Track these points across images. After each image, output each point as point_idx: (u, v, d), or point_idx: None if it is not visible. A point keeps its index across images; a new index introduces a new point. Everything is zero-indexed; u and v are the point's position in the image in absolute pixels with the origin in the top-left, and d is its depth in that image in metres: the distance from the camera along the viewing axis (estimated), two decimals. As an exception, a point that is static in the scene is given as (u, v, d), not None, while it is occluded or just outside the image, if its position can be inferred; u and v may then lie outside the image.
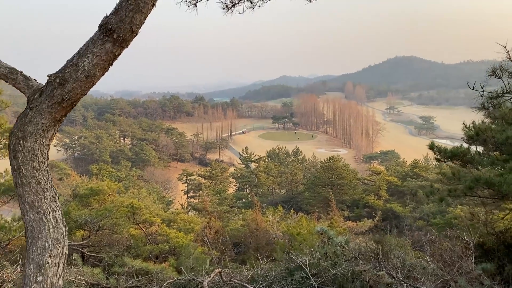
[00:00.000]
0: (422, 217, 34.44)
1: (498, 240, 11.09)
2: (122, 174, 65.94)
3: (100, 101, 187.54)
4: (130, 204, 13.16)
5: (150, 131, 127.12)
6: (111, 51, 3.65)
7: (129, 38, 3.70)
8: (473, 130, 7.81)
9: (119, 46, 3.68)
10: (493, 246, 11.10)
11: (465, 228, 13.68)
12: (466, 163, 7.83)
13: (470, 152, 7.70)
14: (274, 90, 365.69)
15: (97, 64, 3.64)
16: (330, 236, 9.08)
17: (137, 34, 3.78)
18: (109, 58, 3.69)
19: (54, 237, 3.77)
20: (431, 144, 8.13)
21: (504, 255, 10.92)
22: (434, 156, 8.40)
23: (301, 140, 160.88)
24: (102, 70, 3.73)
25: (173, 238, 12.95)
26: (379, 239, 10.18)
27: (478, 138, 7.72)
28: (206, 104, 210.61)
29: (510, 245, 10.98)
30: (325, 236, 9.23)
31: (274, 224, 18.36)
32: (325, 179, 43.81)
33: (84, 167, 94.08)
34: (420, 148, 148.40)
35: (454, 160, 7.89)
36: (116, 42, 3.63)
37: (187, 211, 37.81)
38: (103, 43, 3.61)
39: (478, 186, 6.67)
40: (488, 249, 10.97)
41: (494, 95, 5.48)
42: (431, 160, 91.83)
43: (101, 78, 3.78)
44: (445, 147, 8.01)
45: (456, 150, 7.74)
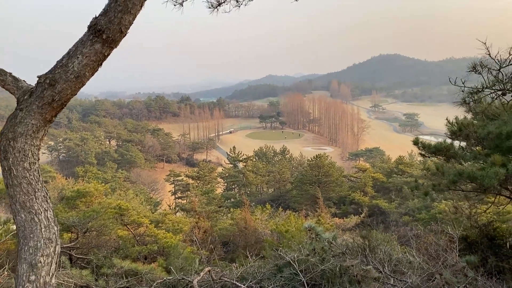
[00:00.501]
0: (408, 213, 34.98)
1: (481, 233, 11.38)
2: (108, 176, 65.32)
3: (84, 103, 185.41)
4: (117, 205, 13.11)
5: (136, 132, 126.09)
6: (100, 51, 3.69)
7: (118, 38, 3.75)
8: (456, 125, 8.00)
9: (108, 47, 3.72)
10: (477, 239, 11.38)
11: (449, 222, 13.98)
12: (449, 158, 8.03)
13: (453, 147, 7.89)
14: (260, 89, 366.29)
15: (87, 64, 3.68)
16: (317, 232, 9.21)
17: (126, 35, 3.83)
18: (99, 59, 3.73)
19: (46, 237, 3.80)
20: (416, 140, 8.32)
21: (487, 247, 11.21)
22: (418, 151, 8.58)
23: (288, 139, 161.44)
24: (92, 71, 3.77)
25: (162, 239, 12.94)
26: (365, 235, 10.35)
27: (461, 134, 7.92)
28: (193, 104, 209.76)
29: (493, 238, 11.28)
30: (313, 233, 9.35)
31: (263, 222, 18.45)
32: (312, 177, 44.12)
33: (69, 169, 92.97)
34: (405, 145, 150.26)
35: (438, 155, 8.08)
36: (105, 42, 3.67)
37: (175, 212, 37.69)
38: (92, 43, 3.65)
39: (461, 180, 6.85)
40: (472, 242, 11.24)
41: (474, 90, 5.64)
42: (416, 156, 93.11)
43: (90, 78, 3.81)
44: (429, 143, 8.19)
45: (439, 146, 7.93)
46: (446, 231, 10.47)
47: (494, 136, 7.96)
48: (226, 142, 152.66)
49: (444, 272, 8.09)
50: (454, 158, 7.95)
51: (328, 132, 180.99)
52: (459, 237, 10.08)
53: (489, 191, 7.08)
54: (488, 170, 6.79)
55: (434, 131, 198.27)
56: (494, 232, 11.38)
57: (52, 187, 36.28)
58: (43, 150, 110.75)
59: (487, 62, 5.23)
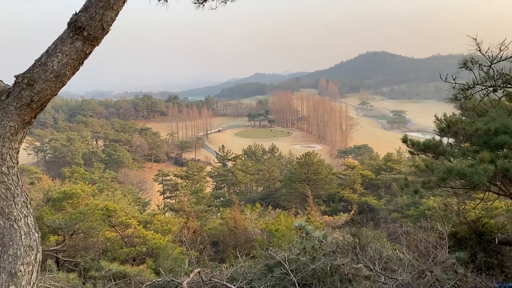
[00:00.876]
0: (397, 209, 35.22)
1: (470, 229, 11.44)
2: (95, 176, 64.58)
3: (70, 102, 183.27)
4: (105, 206, 12.87)
5: (123, 132, 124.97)
6: (81, 49, 3.52)
7: (100, 36, 3.59)
8: (445, 122, 7.99)
9: (89, 44, 3.56)
10: (466, 235, 11.44)
11: (438, 218, 14.05)
12: (438, 155, 8.01)
13: (442, 144, 7.88)
14: (248, 87, 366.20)
15: (67, 63, 3.51)
16: (308, 231, 9.14)
17: (108, 32, 3.67)
18: (80, 57, 3.56)
19: (27, 244, 3.64)
20: (405, 138, 8.28)
21: (476, 243, 11.27)
22: (407, 149, 8.56)
23: (277, 137, 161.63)
24: (73, 70, 3.60)
25: (150, 240, 12.75)
26: (355, 233, 10.33)
27: (449, 130, 7.91)
28: (181, 103, 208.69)
29: (481, 234, 11.34)
30: (303, 232, 9.28)
31: (253, 222, 18.35)
32: (301, 175, 44.17)
33: (56, 170, 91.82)
34: (393, 142, 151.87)
35: (427, 152, 8.06)
36: (86, 40, 3.51)
37: (164, 212, 37.42)
38: (72, 41, 3.48)
39: (451, 177, 6.83)
40: (461, 238, 11.29)
41: (465, 87, 5.60)
42: (404, 153, 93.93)
43: (72, 78, 3.65)
44: (418, 140, 8.17)
45: (428, 143, 7.91)
46: (436, 228, 10.50)
47: (482, 133, 7.97)
48: (214, 141, 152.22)
49: (435, 269, 8.09)
50: (443, 155, 7.94)
51: (316, 129, 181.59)
52: (449, 233, 10.12)
53: (478, 187, 7.08)
54: (477, 167, 6.78)
55: (422, 128, 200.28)
56: (483, 228, 11.44)
57: (38, 188, 35.74)
58: (28, 151, 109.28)
59: (478, 58, 5.19)
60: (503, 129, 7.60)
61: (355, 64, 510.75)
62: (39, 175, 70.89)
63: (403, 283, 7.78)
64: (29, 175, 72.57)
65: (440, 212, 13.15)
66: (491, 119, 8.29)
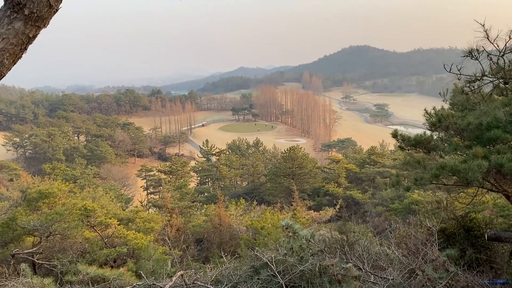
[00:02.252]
0: (381, 203, 35.35)
1: (458, 224, 11.30)
2: (77, 172, 63.34)
3: (51, 97, 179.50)
4: (83, 206, 12.32)
5: (105, 127, 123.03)
6: (22, 32, 2.84)
7: (47, 15, 2.90)
8: (435, 116, 7.73)
9: (33, 26, 2.87)
10: (454, 230, 11.30)
11: (426, 214, 13.91)
12: (430, 151, 7.76)
13: (433, 139, 7.62)
14: (232, 81, 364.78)
15: (5, 49, 2.82)
16: (295, 230, 8.82)
17: (57, 10, 3.01)
18: (21, 42, 2.87)
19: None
20: (395, 133, 8.01)
21: (464, 239, 11.14)
22: (397, 144, 8.28)
23: (261, 131, 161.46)
24: (13, 57, 2.90)
25: (132, 240, 12.27)
26: (343, 230, 10.08)
27: (440, 125, 7.65)
28: (164, 97, 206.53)
29: (469, 229, 11.20)
30: (290, 231, 8.96)
31: (238, 218, 18.01)
32: (286, 169, 43.97)
33: (36, 166, 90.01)
34: (376, 135, 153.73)
35: (418, 147, 7.80)
36: (28, 20, 2.83)
37: (147, 209, 36.79)
38: (10, 21, 2.80)
39: (444, 174, 6.57)
40: (449, 234, 11.15)
41: (472, 79, 5.30)
42: (387, 146, 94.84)
43: (12, 67, 2.92)
44: (408, 135, 7.91)
45: (419, 138, 7.65)
46: (425, 224, 10.32)
47: (474, 127, 7.72)
48: (198, 135, 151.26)
49: (426, 268, 7.88)
50: (435, 150, 7.68)
51: (300, 123, 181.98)
52: (438, 230, 9.94)
53: (472, 184, 6.83)
54: (470, 163, 6.52)
55: (404, 121, 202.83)
56: (471, 223, 11.32)
57: (16, 185, 34.71)
58: (7, 147, 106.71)
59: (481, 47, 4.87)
60: (495, 123, 7.37)
61: (338, 58, 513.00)
62: (18, 171, 69.32)
63: (394, 284, 7.54)
64: (8, 172, 70.93)
65: (427, 207, 12.99)
66: (482, 113, 8.05)
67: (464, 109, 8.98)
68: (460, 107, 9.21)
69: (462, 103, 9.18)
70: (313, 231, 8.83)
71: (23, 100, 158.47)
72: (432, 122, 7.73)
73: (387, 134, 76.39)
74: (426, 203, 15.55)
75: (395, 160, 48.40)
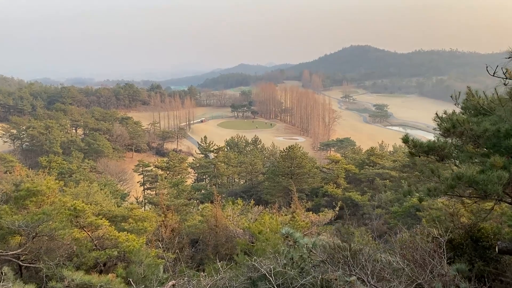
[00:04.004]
0: (380, 205, 34.88)
1: (466, 234, 10.77)
2: (73, 166, 62.62)
3: (50, 90, 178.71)
4: (72, 205, 11.76)
5: (104, 121, 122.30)
6: None
7: None
8: (449, 121, 7.18)
9: None
10: (461, 241, 10.77)
11: (431, 222, 13.38)
12: (443, 158, 7.22)
13: (448, 146, 7.08)
14: (232, 78, 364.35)
15: None
16: (296, 238, 8.29)
17: None
18: None
19: None
20: (405, 138, 7.46)
21: (472, 249, 10.60)
22: (408, 150, 7.74)
23: (260, 128, 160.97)
24: None
25: (123, 242, 11.72)
26: (346, 239, 9.58)
27: (454, 131, 7.10)
28: (163, 92, 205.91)
29: (477, 240, 10.67)
30: (290, 239, 8.42)
31: (234, 219, 17.48)
32: (284, 168, 43.44)
33: (33, 159, 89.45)
34: (375, 136, 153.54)
35: (430, 154, 7.26)
36: None
37: (143, 205, 36.27)
38: None
39: (460, 185, 6.04)
40: (456, 245, 10.62)
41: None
42: (386, 147, 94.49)
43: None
44: (421, 141, 7.36)
45: (433, 144, 7.10)
46: (432, 234, 9.81)
47: (491, 134, 7.16)
48: (197, 131, 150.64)
49: (435, 283, 7.40)
50: (448, 158, 7.14)
51: (299, 122, 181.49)
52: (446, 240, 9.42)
53: (490, 197, 6.29)
54: (489, 173, 5.97)
55: (403, 122, 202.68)
56: (479, 233, 10.80)
57: (10, 179, 34.06)
58: (4, 138, 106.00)
59: None
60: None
61: (338, 57, 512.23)
62: (14, 163, 68.63)
63: (402, 300, 7.04)
64: (5, 164, 70.27)
65: (432, 213, 12.47)
66: (499, 119, 7.49)
67: (478, 114, 8.44)
68: (474, 111, 8.67)
69: (475, 108, 8.64)
70: (315, 241, 8.32)
71: (21, 91, 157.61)
72: (445, 127, 7.18)
73: (386, 134, 77.53)
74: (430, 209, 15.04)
75: (395, 162, 47.91)
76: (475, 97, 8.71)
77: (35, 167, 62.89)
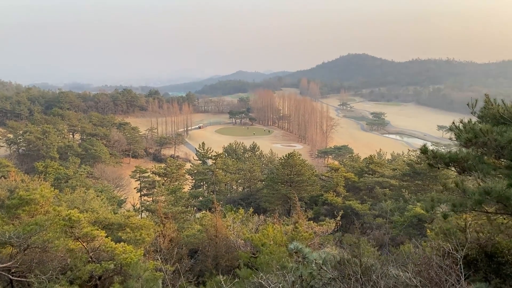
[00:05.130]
0: (381, 214, 34.33)
1: (480, 249, 10.29)
2: (70, 171, 61.81)
3: (47, 94, 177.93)
4: (67, 216, 11.19)
5: (101, 126, 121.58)
6: None
7: None
8: (471, 131, 6.73)
9: None
10: (476, 256, 10.28)
11: (440, 235, 12.86)
12: (464, 170, 6.76)
13: (471, 157, 6.61)
14: (230, 85, 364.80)
15: None
16: (305, 254, 7.79)
17: None
18: None
19: None
20: (424, 148, 7.00)
21: (487, 265, 10.12)
22: (426, 161, 7.27)
23: (257, 135, 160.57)
24: None
25: (120, 254, 11.14)
26: (356, 254, 9.06)
27: (477, 141, 6.65)
28: (161, 98, 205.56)
29: (492, 255, 10.20)
30: (299, 256, 7.91)
31: (235, 229, 16.92)
32: (284, 176, 42.90)
33: (29, 164, 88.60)
34: (372, 143, 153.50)
35: (451, 166, 6.80)
36: None
37: (140, 212, 35.64)
38: None
39: (488, 201, 5.57)
40: (471, 260, 10.13)
41: None
42: (384, 155, 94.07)
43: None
44: (441, 152, 6.90)
45: (455, 155, 6.64)
46: (446, 248, 9.32)
47: (515, 145, 6.70)
48: (195, 137, 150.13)
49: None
50: (470, 170, 6.67)
51: (297, 129, 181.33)
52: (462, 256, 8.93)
53: (521, 213, 5.82)
54: (520, 188, 5.49)
55: (401, 130, 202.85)
56: (493, 248, 10.33)
57: (4, 184, 33.37)
58: (1, 143, 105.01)
59: None
60: (542, 141, 6.36)
61: (336, 65, 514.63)
62: (10, 168, 67.77)
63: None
64: (1, 169, 69.41)
65: (443, 225, 11.95)
66: (523, 129, 7.02)
67: (497, 123, 7.99)
68: (493, 121, 8.21)
69: (494, 117, 8.18)
70: (325, 257, 7.81)
71: (19, 96, 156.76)
72: (467, 137, 6.72)
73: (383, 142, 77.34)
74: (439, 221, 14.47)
75: (394, 170, 47.46)
76: (494, 106, 8.28)
77: (31, 172, 62.10)
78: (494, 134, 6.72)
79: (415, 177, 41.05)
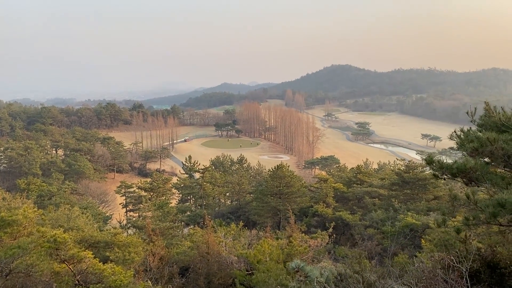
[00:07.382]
0: (372, 225, 34.10)
1: (483, 260, 10.05)
2: (53, 188, 60.36)
3: (29, 110, 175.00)
4: (52, 237, 10.60)
5: (85, 141, 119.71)
6: None
7: None
8: (477, 140, 6.49)
9: None
10: (478, 268, 10.02)
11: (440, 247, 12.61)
12: (471, 181, 6.50)
13: (479, 167, 6.37)
14: (216, 97, 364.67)
15: None
16: (307, 273, 7.42)
17: None
18: None
19: None
20: (429, 158, 6.75)
21: (489, 277, 9.87)
22: (432, 171, 7.01)
23: (244, 147, 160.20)
24: None
25: (109, 276, 10.58)
26: (358, 270, 8.73)
27: (483, 150, 6.41)
28: (145, 111, 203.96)
29: (495, 266, 9.96)
30: (301, 274, 7.54)
31: (227, 245, 16.42)
32: (273, 188, 42.47)
33: (11, 181, 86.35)
34: (358, 153, 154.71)
35: (458, 176, 6.54)
36: None
37: (126, 229, 34.75)
38: None
39: (502, 213, 5.30)
40: (474, 272, 9.87)
41: None
42: (371, 165, 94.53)
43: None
44: (447, 163, 6.65)
45: (463, 166, 6.39)
46: (449, 261, 9.05)
47: (523, 154, 6.46)
48: (180, 150, 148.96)
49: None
50: (478, 180, 6.42)
51: (284, 140, 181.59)
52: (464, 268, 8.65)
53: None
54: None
55: (385, 139, 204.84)
56: (495, 259, 10.10)
57: (-16, 204, 32.19)
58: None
59: None
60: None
61: (320, 77, 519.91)
62: (-9, 186, 65.97)
63: None
64: (-18, 186, 67.46)
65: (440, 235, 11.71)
66: (529, 137, 6.80)
67: (499, 131, 7.79)
68: (494, 129, 8.00)
69: (496, 125, 7.98)
70: (328, 275, 7.45)
71: (0, 112, 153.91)
72: (473, 146, 6.48)
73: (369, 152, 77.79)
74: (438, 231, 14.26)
75: (383, 180, 47.47)
76: (495, 114, 8.10)
77: (13, 190, 60.46)
78: (501, 142, 6.49)
79: (404, 186, 41.06)
